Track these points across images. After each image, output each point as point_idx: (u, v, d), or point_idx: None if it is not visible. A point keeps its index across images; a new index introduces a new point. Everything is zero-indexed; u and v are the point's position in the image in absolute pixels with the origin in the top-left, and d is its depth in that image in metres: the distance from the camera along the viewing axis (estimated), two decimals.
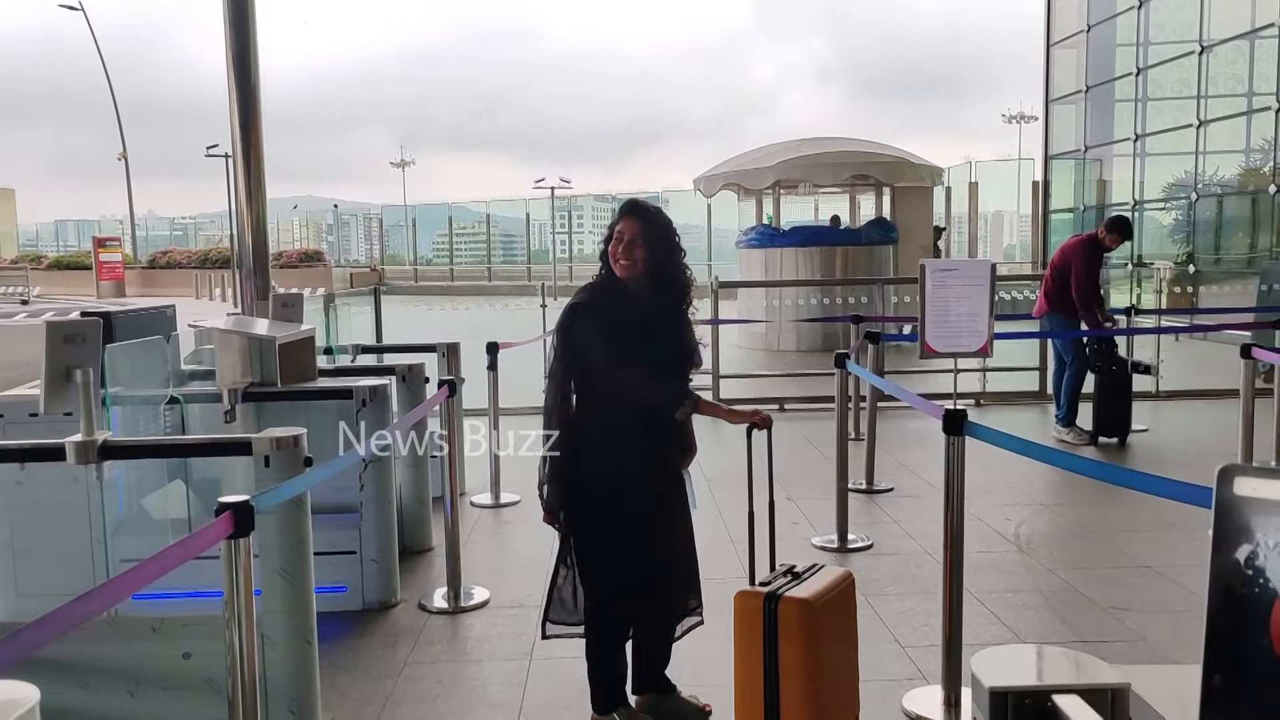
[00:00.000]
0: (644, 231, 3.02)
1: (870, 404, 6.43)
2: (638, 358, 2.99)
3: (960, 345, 6.18)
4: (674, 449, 3.14)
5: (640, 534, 3.08)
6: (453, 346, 6.25)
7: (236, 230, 5.94)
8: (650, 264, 3.02)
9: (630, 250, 3.01)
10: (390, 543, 4.42)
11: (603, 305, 3.06)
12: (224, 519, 2.17)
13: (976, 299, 5.75)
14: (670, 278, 3.06)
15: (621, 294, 3.05)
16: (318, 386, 4.60)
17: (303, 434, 3.14)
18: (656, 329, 3.03)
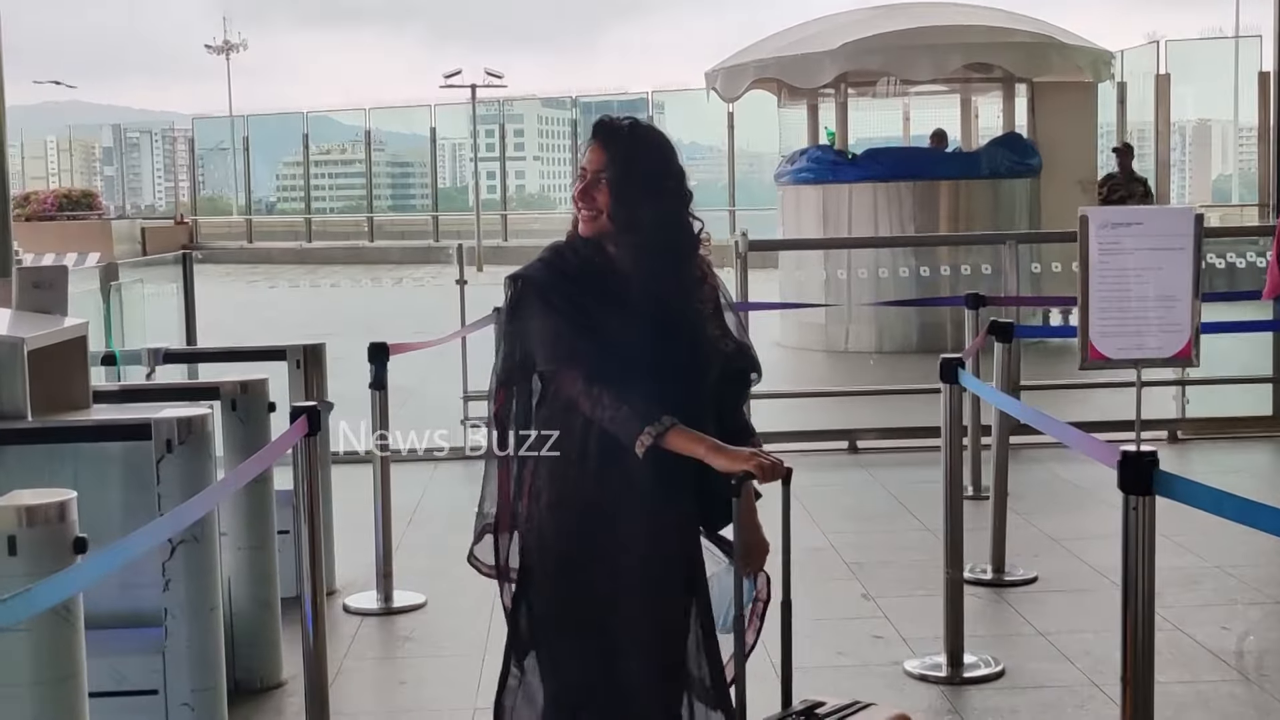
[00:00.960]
0: (609, 165, 3.09)
1: (999, 440, 6.46)
2: (625, 357, 3.04)
3: (1147, 348, 6.20)
4: (685, 504, 3.19)
5: (610, 628, 3.16)
6: (313, 350, 6.26)
7: None
8: (620, 220, 3.09)
9: (589, 194, 3.10)
10: (214, 676, 4.40)
11: (560, 276, 3.11)
12: None
13: (1173, 272, 5.77)
14: (658, 238, 3.12)
15: (599, 260, 3.13)
16: (93, 420, 4.57)
17: (71, 499, 3.13)
18: (649, 313, 3.09)
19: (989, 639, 5.49)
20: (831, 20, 15.79)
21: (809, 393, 11.04)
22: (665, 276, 3.12)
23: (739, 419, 3.30)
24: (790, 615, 3.40)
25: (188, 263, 9.18)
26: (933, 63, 14.49)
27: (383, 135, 40.72)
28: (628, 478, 3.09)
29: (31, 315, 4.90)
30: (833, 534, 6.89)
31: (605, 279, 3.11)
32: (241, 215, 39.52)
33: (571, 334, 3.07)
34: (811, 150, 15.26)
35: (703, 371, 3.16)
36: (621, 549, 3.15)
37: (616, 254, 3.12)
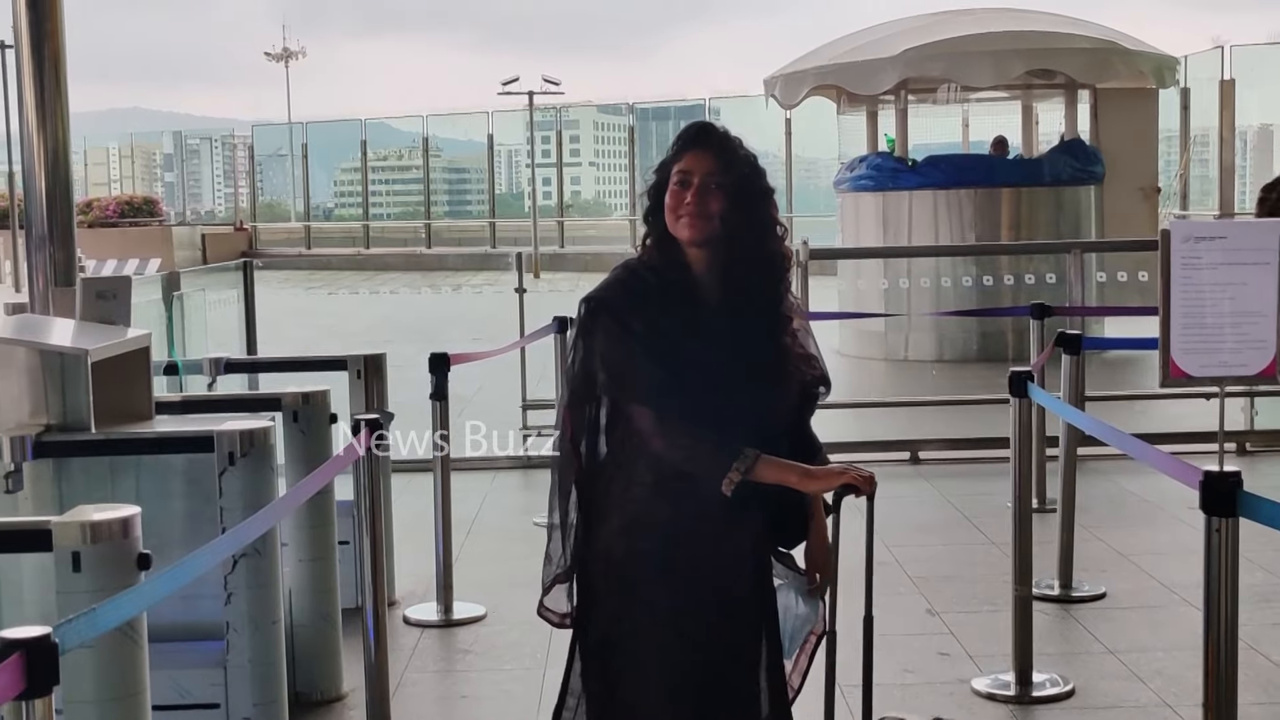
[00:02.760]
0: (723, 172, 3.06)
1: (1066, 452, 6.38)
2: (701, 386, 2.99)
3: (1230, 365, 6.07)
4: (759, 524, 3.15)
5: (679, 652, 3.11)
6: (374, 360, 6.26)
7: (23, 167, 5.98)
8: (732, 225, 3.06)
9: (704, 200, 3.04)
10: (276, 689, 4.40)
11: (637, 298, 3.06)
12: (10, 666, 2.16)
13: (1258, 288, 5.65)
14: (761, 250, 3.11)
15: (680, 278, 3.09)
16: (156, 432, 4.57)
17: (135, 515, 3.12)
18: (734, 335, 3.07)
19: (1057, 657, 5.41)
20: (892, 26, 15.71)
21: (869, 403, 10.96)
22: (760, 290, 3.11)
23: (808, 434, 3.26)
24: (871, 630, 3.43)
25: (248, 271, 9.21)
26: (995, 69, 14.37)
27: (439, 141, 40.91)
28: (702, 500, 3.03)
29: (95, 326, 4.92)
30: (895, 547, 6.81)
31: (686, 297, 3.07)
32: (300, 221, 39.78)
33: (645, 366, 3.02)
34: (871, 157, 15.18)
35: (784, 391, 3.14)
36: (694, 572, 3.10)
37: (707, 266, 3.08)
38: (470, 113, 39.28)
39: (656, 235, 3.12)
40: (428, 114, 39.24)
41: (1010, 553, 5.24)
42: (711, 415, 3.00)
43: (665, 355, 3.01)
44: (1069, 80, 15.01)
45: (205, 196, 58.90)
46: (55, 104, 5.84)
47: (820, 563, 3.29)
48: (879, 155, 15.26)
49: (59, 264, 5.91)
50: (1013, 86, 15.85)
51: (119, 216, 35.83)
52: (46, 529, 3.08)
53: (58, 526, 3.07)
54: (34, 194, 5.91)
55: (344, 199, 46.69)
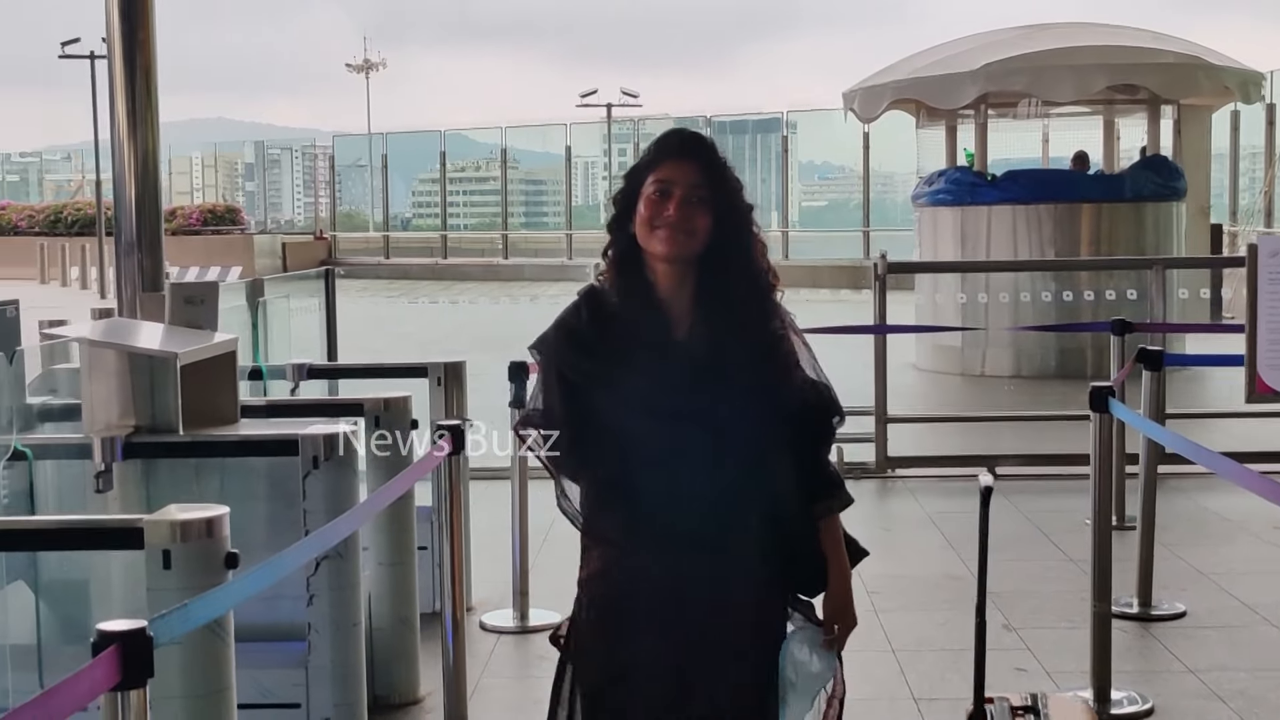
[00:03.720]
0: (711, 186, 2.87)
1: (1146, 469, 6.32)
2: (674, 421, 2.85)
3: None
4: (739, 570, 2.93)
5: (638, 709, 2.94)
6: (454, 367, 6.30)
7: (113, 174, 6.09)
8: (717, 240, 2.87)
9: (686, 214, 2.84)
10: (356, 691, 4.45)
11: (580, 340, 2.92)
12: (107, 658, 2.21)
13: None
14: (748, 268, 2.93)
15: (647, 299, 2.90)
16: (242, 435, 4.64)
17: (224, 515, 3.18)
18: (716, 363, 2.87)
19: (1136, 675, 5.36)
20: (973, 40, 15.64)
21: (946, 417, 10.92)
22: (745, 309, 2.91)
23: (821, 470, 3.01)
24: (984, 619, 3.37)
25: (330, 279, 9.30)
26: (1076, 84, 14.26)
27: (516, 153, 41.13)
28: (664, 555, 2.88)
29: (183, 330, 4.99)
30: (972, 561, 6.72)
31: (645, 323, 2.88)
32: (378, 231, 40.11)
33: (568, 426, 2.93)
34: (950, 171, 15.12)
35: (757, 417, 2.88)
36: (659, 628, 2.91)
37: (676, 283, 2.89)
38: (548, 124, 39.49)
39: (621, 247, 2.93)
40: (506, 125, 39.50)
41: (1088, 569, 5.20)
42: (652, 475, 2.86)
43: (599, 403, 2.88)
44: (1152, 95, 14.88)
45: (285, 206, 59.51)
46: (145, 112, 5.94)
47: (838, 614, 3.00)
48: (958, 170, 15.19)
49: (147, 270, 6.02)
50: (1094, 101, 15.74)
51: (202, 224, 36.34)
52: (138, 527, 3.14)
53: (149, 525, 3.13)
54: (124, 201, 6.01)
55: (421, 209, 47.03)
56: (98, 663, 2.20)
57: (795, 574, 3.00)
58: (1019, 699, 3.20)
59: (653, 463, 2.88)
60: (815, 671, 2.96)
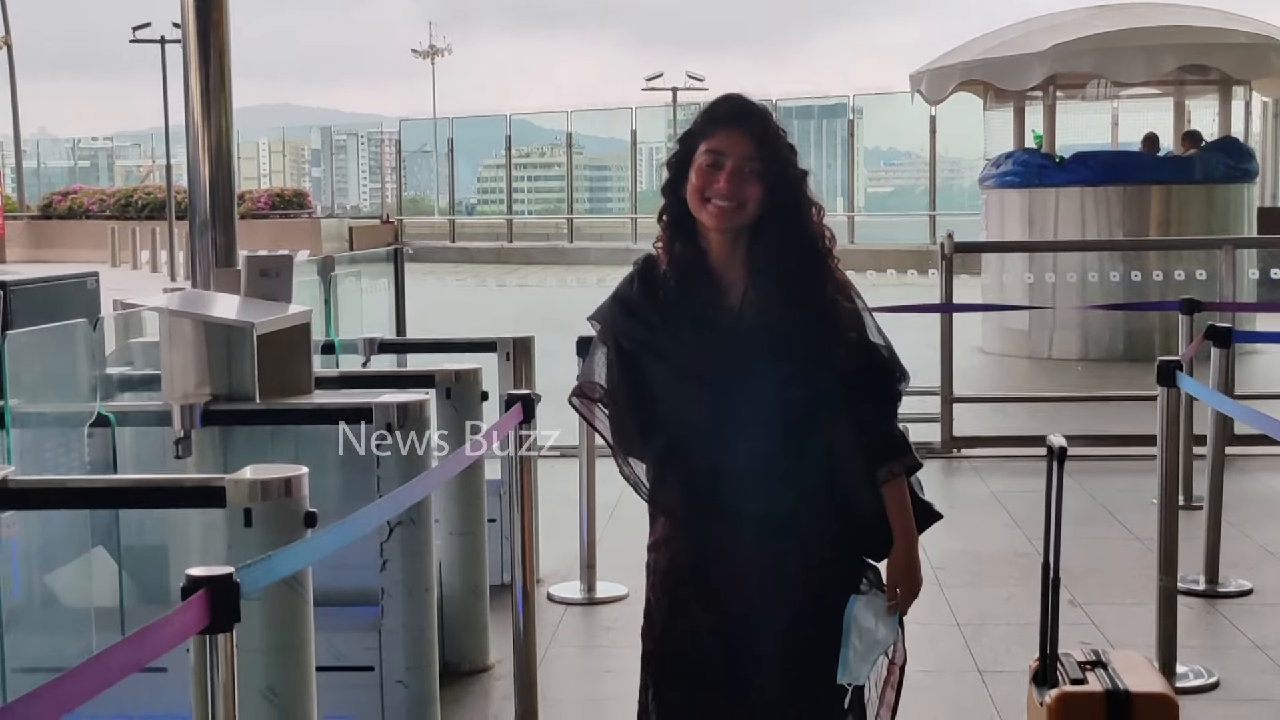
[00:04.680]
0: (764, 159, 2.86)
1: (1214, 447, 6.30)
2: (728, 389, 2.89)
3: None
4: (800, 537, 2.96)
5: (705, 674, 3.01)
6: (522, 343, 6.37)
7: (188, 155, 6.19)
8: (768, 212, 2.88)
9: (738, 186, 2.84)
10: (428, 656, 4.53)
11: (636, 311, 2.97)
12: (196, 601, 2.29)
13: None
14: (801, 234, 2.93)
15: (698, 267, 2.93)
16: (318, 403, 4.73)
17: (302, 475, 3.26)
18: (768, 330, 2.89)
19: (1202, 650, 5.37)
20: (1041, 21, 15.53)
21: (1011, 397, 10.90)
22: (799, 275, 2.91)
23: (885, 434, 2.98)
24: (1056, 578, 3.41)
25: (399, 258, 9.41)
26: (1146, 64, 14.14)
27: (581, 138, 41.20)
28: (727, 521, 2.94)
29: (259, 302, 5.09)
30: (1036, 540, 6.71)
31: (699, 290, 2.92)
32: (444, 216, 40.31)
33: (628, 403, 3.00)
34: (1018, 154, 15.04)
35: (810, 383, 2.91)
36: (724, 595, 2.97)
37: (729, 251, 2.91)
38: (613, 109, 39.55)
39: (674, 213, 2.95)
40: (571, 110, 39.55)
41: (1154, 547, 5.21)
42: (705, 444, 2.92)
43: (653, 371, 2.95)
44: (1223, 76, 14.75)
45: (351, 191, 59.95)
46: (219, 94, 6.03)
47: (901, 578, 3.00)
48: (1025, 152, 15.11)
49: (220, 248, 6.11)
50: (1164, 83, 15.60)
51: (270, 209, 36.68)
52: (220, 486, 3.23)
53: (231, 484, 3.22)
54: (198, 181, 6.10)
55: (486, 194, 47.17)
56: (187, 606, 2.28)
57: (861, 539, 2.99)
58: (1082, 654, 3.24)
59: (705, 431, 2.93)
60: (878, 637, 2.98)
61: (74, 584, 4.32)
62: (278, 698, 3.19)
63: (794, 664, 2.97)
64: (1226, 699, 4.90)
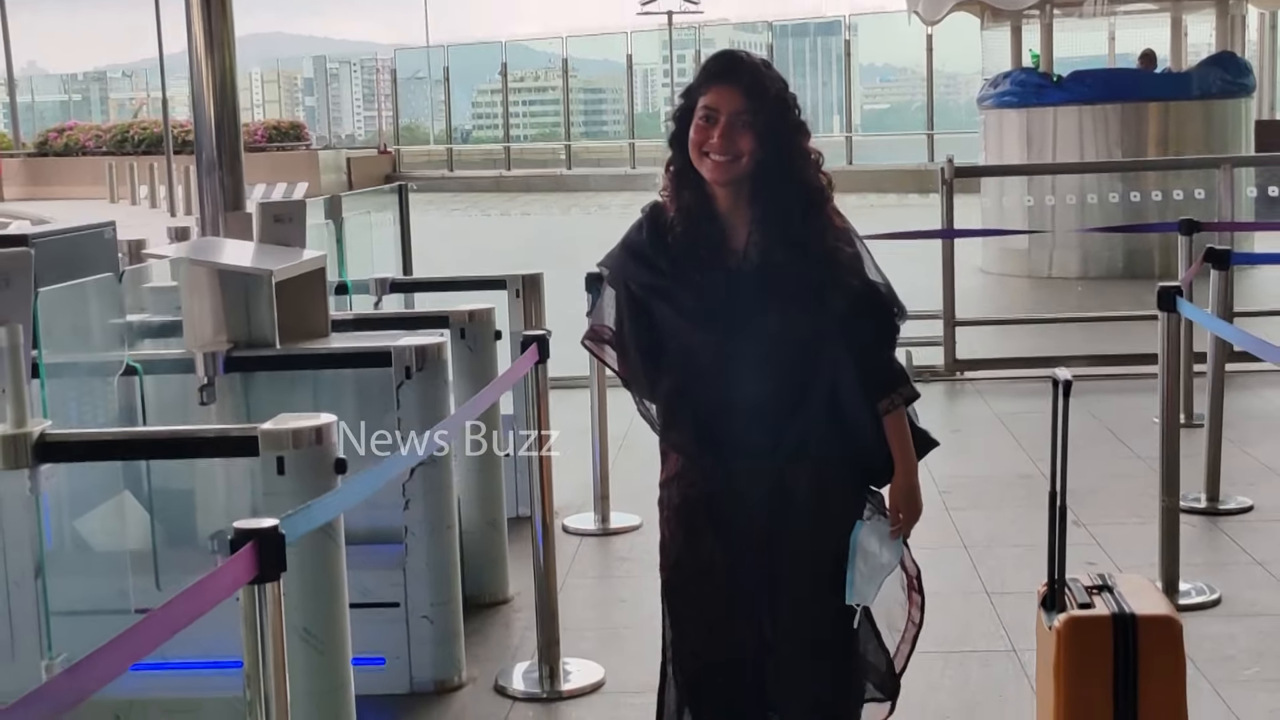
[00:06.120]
0: (751, 106, 2.96)
1: (1214, 367, 6.40)
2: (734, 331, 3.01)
3: None
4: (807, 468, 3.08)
5: (721, 601, 3.13)
6: (532, 280, 6.45)
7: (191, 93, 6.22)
8: (765, 161, 2.98)
9: (731, 140, 2.96)
10: (451, 590, 4.65)
11: (644, 256, 3.09)
12: (245, 554, 2.39)
13: None
14: (796, 183, 3.03)
15: (704, 215, 3.04)
16: (338, 348, 4.83)
17: (333, 423, 3.36)
18: (771, 275, 3.00)
19: (1204, 566, 5.48)
20: None
21: (1013, 319, 11.00)
22: (798, 222, 3.01)
23: (883, 366, 3.10)
24: (1064, 508, 3.45)
25: (403, 194, 9.45)
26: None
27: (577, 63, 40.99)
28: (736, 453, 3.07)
29: (274, 248, 5.16)
30: (1041, 461, 6.87)
31: (703, 238, 3.03)
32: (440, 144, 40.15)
33: (638, 345, 3.12)
34: (1015, 73, 15.03)
35: (811, 325, 3.03)
36: (735, 523, 3.10)
37: (732, 202, 3.02)
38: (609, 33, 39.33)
39: (679, 164, 3.04)
40: (566, 35, 39.34)
41: (1156, 467, 5.31)
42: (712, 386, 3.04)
43: (661, 316, 3.08)
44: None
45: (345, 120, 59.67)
46: (221, 30, 6.02)
47: (903, 503, 3.13)
48: (1023, 71, 15.11)
49: (228, 188, 6.14)
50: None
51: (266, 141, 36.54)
52: (253, 435, 3.33)
53: (264, 433, 3.31)
54: (203, 120, 6.11)
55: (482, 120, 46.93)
56: (238, 558, 2.38)
57: (864, 467, 3.13)
58: (1089, 579, 3.36)
59: (711, 372, 3.06)
60: (883, 561, 3.10)
61: (106, 529, 4.43)
62: (314, 638, 3.30)
63: (806, 586, 3.10)
64: (1228, 614, 5.01)
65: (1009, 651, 4.68)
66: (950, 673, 4.53)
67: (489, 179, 35.50)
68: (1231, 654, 4.65)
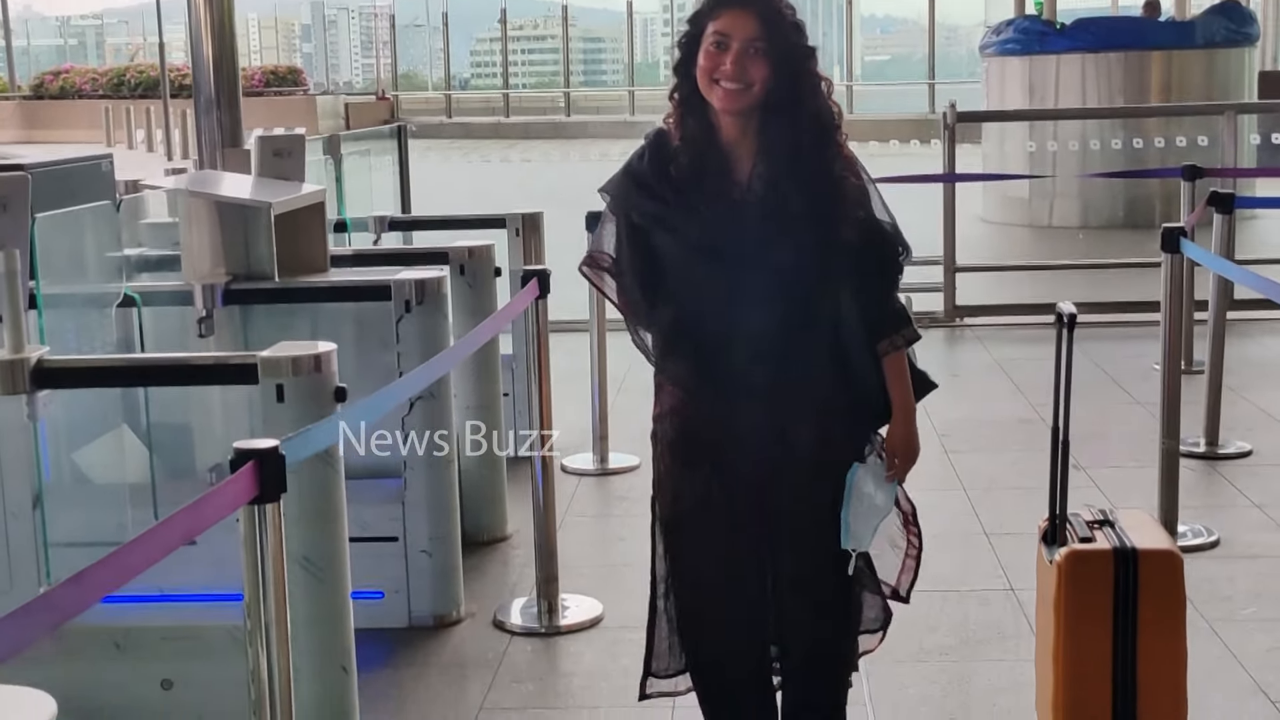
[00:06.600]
0: (767, 37, 2.87)
1: (1215, 314, 6.38)
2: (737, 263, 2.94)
3: None
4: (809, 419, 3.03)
5: (723, 532, 3.10)
6: (532, 218, 6.43)
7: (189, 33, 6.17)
8: (776, 89, 2.90)
9: (743, 67, 2.86)
10: (450, 526, 4.65)
11: (647, 185, 3.00)
12: (245, 473, 2.38)
13: None
14: (807, 110, 2.95)
15: (710, 144, 2.96)
16: (338, 281, 4.81)
17: (331, 351, 3.34)
18: (777, 206, 2.93)
19: (1203, 509, 5.49)
20: None
21: (1014, 266, 10.98)
22: (808, 151, 2.94)
23: (886, 307, 3.05)
24: (1066, 440, 3.45)
25: (402, 135, 9.42)
26: None
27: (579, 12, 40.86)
28: (732, 387, 3.02)
29: (273, 182, 5.13)
30: (1040, 406, 6.88)
31: (709, 168, 2.95)
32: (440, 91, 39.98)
33: (636, 275, 3.06)
34: (1019, 21, 14.97)
35: (816, 258, 2.96)
36: (731, 456, 3.06)
37: (740, 131, 2.93)
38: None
39: (685, 92, 2.96)
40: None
41: (1156, 412, 5.30)
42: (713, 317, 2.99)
43: (662, 245, 3.01)
44: None
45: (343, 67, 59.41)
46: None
47: (900, 446, 3.08)
48: (1026, 19, 15.06)
49: (226, 127, 6.10)
50: None
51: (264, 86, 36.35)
52: (253, 363, 3.31)
53: (264, 361, 3.29)
54: (201, 59, 6.05)
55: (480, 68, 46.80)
56: (238, 477, 2.37)
57: (863, 407, 3.07)
58: (1090, 514, 3.35)
59: (714, 305, 2.99)
60: (877, 503, 3.07)
61: (104, 461, 4.42)
62: (314, 565, 3.29)
63: (808, 529, 3.08)
64: (1226, 556, 5.03)
65: (1007, 590, 4.68)
66: (949, 611, 4.53)
67: (487, 125, 35.33)
68: (1229, 594, 4.67)
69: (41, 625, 1.90)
